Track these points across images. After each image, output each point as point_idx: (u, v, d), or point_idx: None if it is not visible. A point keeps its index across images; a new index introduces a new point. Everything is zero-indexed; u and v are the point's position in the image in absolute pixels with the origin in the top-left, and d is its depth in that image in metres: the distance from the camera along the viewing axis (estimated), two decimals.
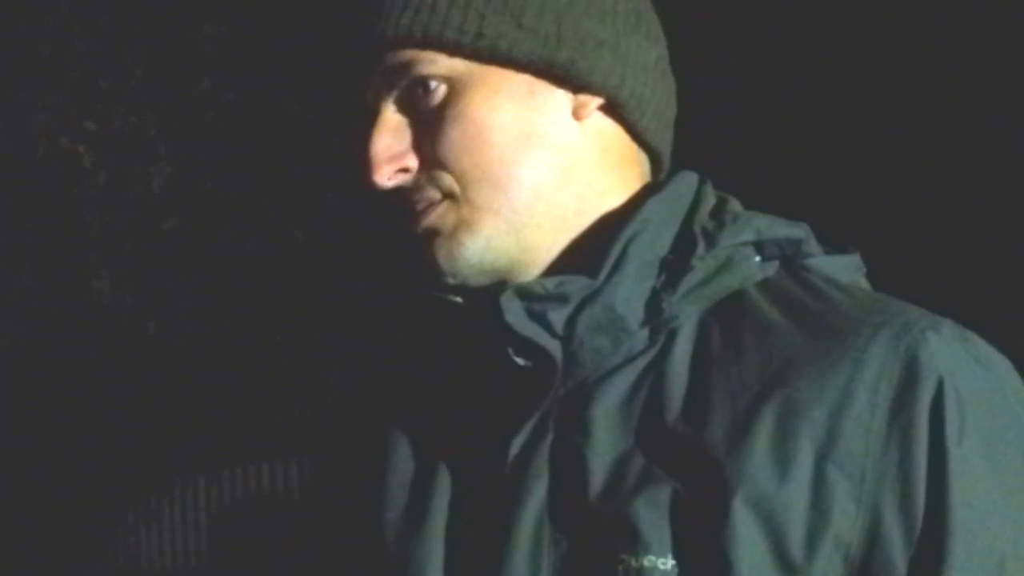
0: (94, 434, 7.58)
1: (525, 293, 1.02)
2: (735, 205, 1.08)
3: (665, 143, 1.14)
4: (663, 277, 1.04)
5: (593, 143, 1.07)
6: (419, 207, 1.06)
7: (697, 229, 1.05)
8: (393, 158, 1.06)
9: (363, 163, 1.06)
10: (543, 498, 1.00)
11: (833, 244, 1.10)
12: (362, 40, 1.07)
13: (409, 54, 1.05)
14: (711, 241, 1.05)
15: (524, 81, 1.06)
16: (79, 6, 6.80)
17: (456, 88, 1.05)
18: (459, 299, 1.06)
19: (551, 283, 1.02)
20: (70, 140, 6.84)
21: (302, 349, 7.17)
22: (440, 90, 1.05)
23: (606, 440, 1.00)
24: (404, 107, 1.07)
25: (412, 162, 1.06)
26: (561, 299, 1.02)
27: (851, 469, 0.95)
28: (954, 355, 0.98)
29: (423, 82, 1.05)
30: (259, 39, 6.85)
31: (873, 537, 0.95)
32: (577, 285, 1.02)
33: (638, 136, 1.10)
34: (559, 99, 1.06)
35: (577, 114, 1.07)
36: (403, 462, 1.09)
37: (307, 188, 6.97)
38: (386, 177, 1.06)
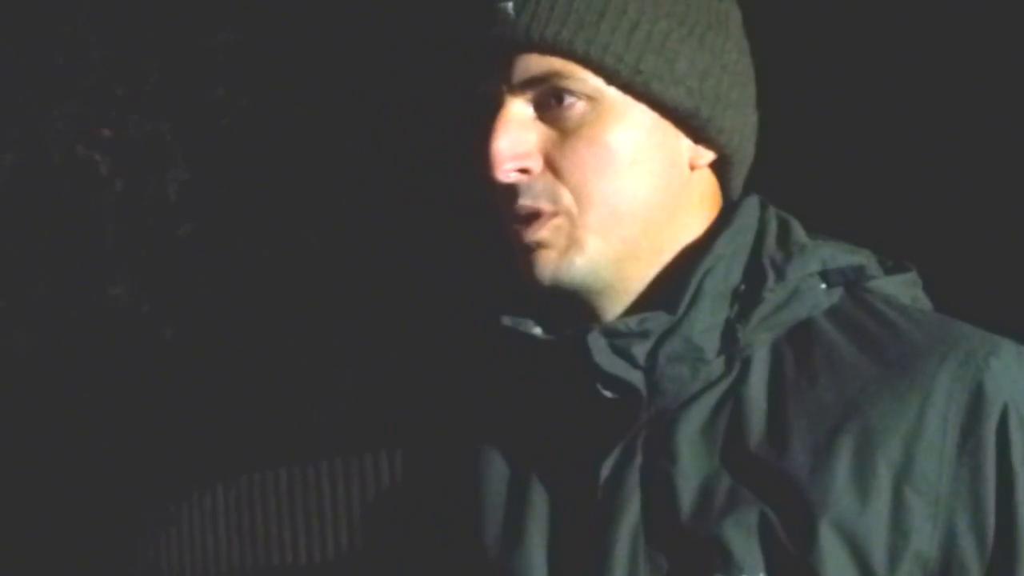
0: (112, 439, 7.61)
1: (610, 332, 1.07)
2: (797, 231, 1.14)
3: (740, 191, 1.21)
4: (736, 308, 1.09)
5: (696, 190, 1.12)
6: (525, 212, 1.08)
7: (766, 261, 1.10)
8: (517, 156, 1.07)
9: (484, 155, 1.07)
10: (637, 517, 1.06)
11: (892, 261, 1.16)
12: (503, 33, 1.07)
13: (559, 64, 1.06)
14: (780, 273, 1.09)
15: (659, 121, 1.09)
16: (94, 15, 6.83)
17: (596, 110, 1.07)
18: (543, 334, 1.10)
19: (633, 321, 1.07)
20: (86, 147, 6.87)
21: (317, 353, 7.20)
22: (578, 106, 1.07)
23: (692, 463, 1.06)
24: (535, 109, 1.08)
25: (535, 164, 1.08)
26: (643, 335, 1.07)
27: (927, 491, 1.03)
28: (1015, 380, 1.05)
29: (563, 94, 1.07)
30: (273, 46, 6.88)
31: (949, 552, 1.03)
32: (658, 321, 1.07)
33: (729, 191, 1.16)
34: (682, 145, 1.10)
35: (693, 164, 1.11)
36: (497, 480, 1.13)
37: (321, 194, 7.00)
38: (507, 173, 1.07)
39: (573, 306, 1.11)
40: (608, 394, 1.07)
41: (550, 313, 1.12)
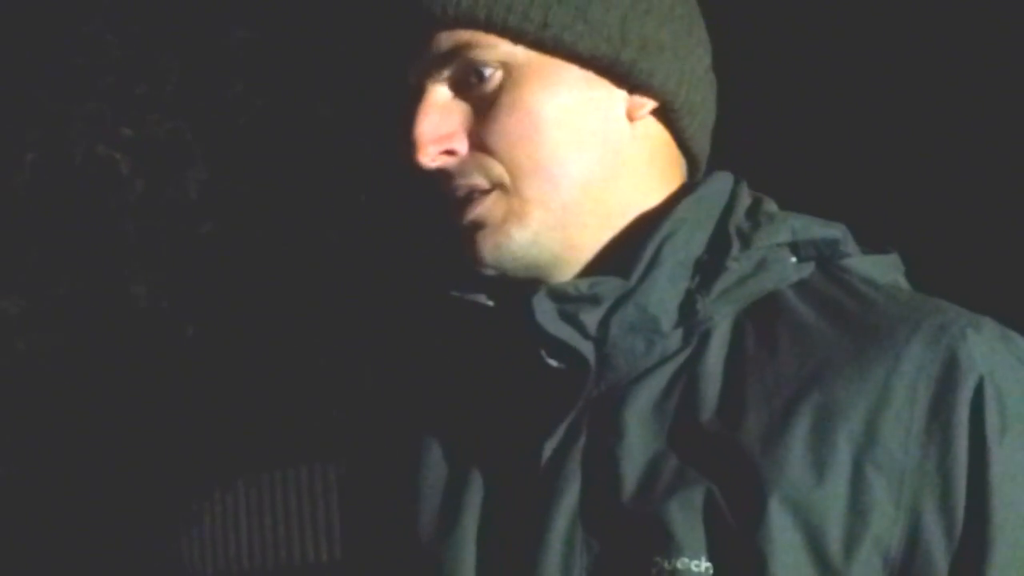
0: (134, 438, 7.64)
1: (558, 294, 1.00)
2: (770, 205, 1.07)
3: (705, 150, 1.12)
4: (697, 278, 1.02)
5: (642, 145, 1.05)
6: (461, 193, 1.03)
7: (732, 229, 1.03)
8: (440, 139, 1.02)
9: (407, 142, 1.02)
10: (576, 500, 0.99)
11: (871, 244, 1.08)
12: (412, 16, 1.03)
13: (467, 35, 1.01)
14: (746, 242, 1.03)
15: (582, 76, 1.03)
16: (113, 15, 6.85)
17: (513, 76, 1.02)
18: (490, 302, 1.05)
19: (584, 284, 1.00)
20: (107, 147, 6.89)
21: (338, 351, 7.20)
22: (495, 76, 1.02)
23: (639, 442, 0.99)
24: (454, 89, 1.04)
25: (460, 145, 1.03)
26: (594, 300, 1.00)
27: (890, 469, 0.94)
28: (995, 353, 0.96)
29: (478, 66, 1.02)
30: (290, 43, 6.88)
31: (913, 538, 0.94)
32: (610, 286, 1.00)
33: (684, 142, 1.09)
34: (615, 97, 1.04)
35: (631, 115, 1.05)
36: (436, 464, 1.08)
37: (341, 190, 6.99)
38: (431, 157, 1.02)
39: (525, 287, 1.04)
40: (554, 363, 1.00)
41: (502, 287, 1.06)
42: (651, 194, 1.06)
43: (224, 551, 8.19)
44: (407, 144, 1.03)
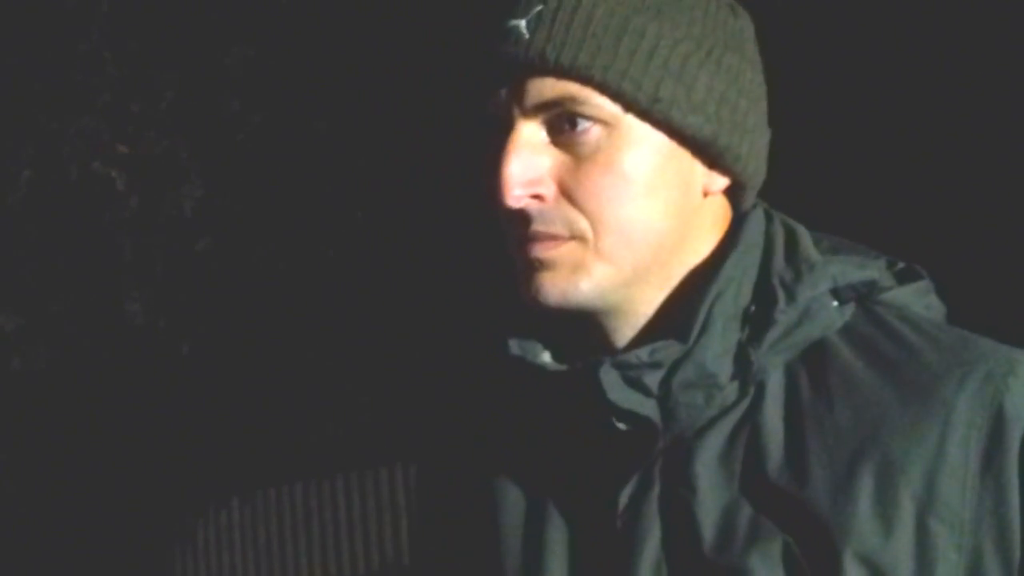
0: (129, 454, 7.63)
1: (622, 365, 1.05)
2: (805, 242, 1.11)
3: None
4: (747, 331, 1.07)
5: (707, 215, 1.10)
6: (539, 239, 1.05)
7: (776, 281, 1.08)
8: (530, 182, 1.04)
9: (496, 179, 1.04)
10: (657, 548, 1.04)
11: (902, 265, 1.14)
12: (519, 55, 1.04)
13: (575, 88, 1.03)
14: (791, 295, 1.07)
15: (673, 149, 1.06)
16: (110, 32, 6.86)
17: (612, 136, 1.04)
18: (555, 367, 1.08)
19: (644, 352, 1.05)
20: (102, 164, 6.90)
21: (334, 368, 7.20)
22: (593, 132, 1.04)
23: (711, 492, 1.04)
24: (548, 134, 1.05)
25: (547, 191, 1.05)
26: (655, 366, 1.05)
27: (951, 520, 1.01)
28: None
29: (577, 119, 1.04)
30: (288, 61, 6.89)
31: (975, 574, 1.02)
32: (670, 352, 1.05)
33: (741, 212, 1.13)
34: (696, 172, 1.08)
35: (707, 190, 1.09)
36: (513, 514, 1.12)
37: (337, 207, 7.00)
38: (518, 199, 1.04)
39: (580, 326, 1.09)
40: (622, 427, 1.05)
41: (557, 334, 1.10)
42: (704, 254, 1.10)
43: (218, 567, 8.18)
44: (495, 181, 1.04)
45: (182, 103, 6.98)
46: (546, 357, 1.09)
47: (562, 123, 1.04)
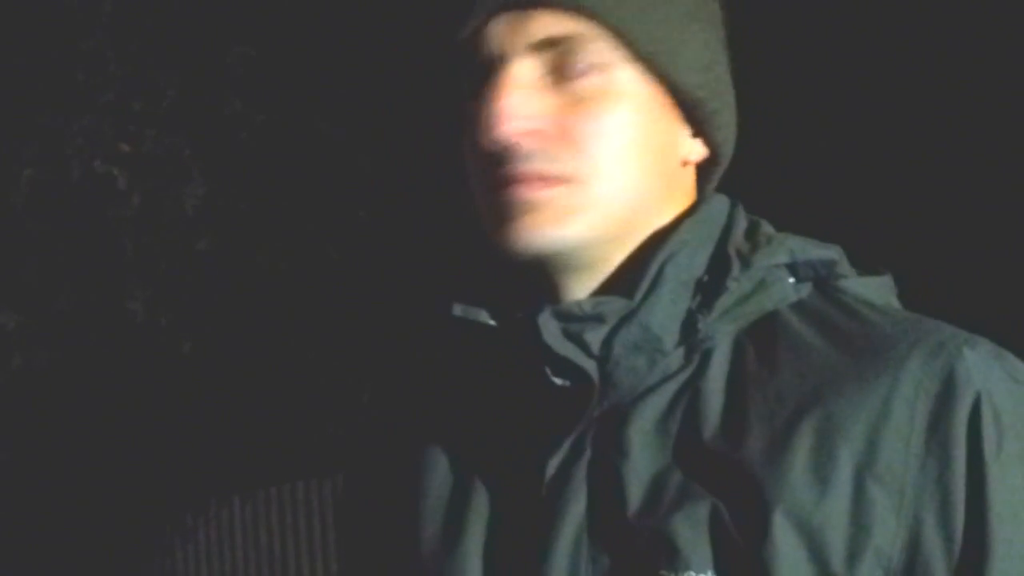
0: (130, 453, 7.63)
1: (562, 314, 1.01)
2: (767, 228, 1.09)
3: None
4: (698, 298, 1.03)
5: (681, 185, 1.08)
6: (524, 176, 1.00)
7: (731, 250, 1.04)
8: (529, 117, 1.00)
9: (488, 113, 0.99)
10: (582, 516, 1.00)
11: (865, 266, 1.10)
12: None
13: (583, 26, 1.00)
14: (745, 263, 1.04)
15: (664, 108, 1.05)
16: (112, 31, 6.87)
17: (611, 84, 1.01)
18: (492, 321, 1.05)
19: (588, 304, 1.01)
20: (104, 162, 6.90)
21: (336, 367, 7.20)
22: (593, 76, 1.01)
23: (643, 458, 1.00)
24: (547, 73, 1.02)
25: (547, 127, 1.00)
26: (598, 319, 1.01)
27: (891, 483, 0.96)
28: (990, 371, 0.98)
29: (577, 62, 1.01)
30: (290, 60, 6.90)
31: (914, 550, 0.96)
32: (614, 306, 1.01)
33: (707, 187, 1.11)
34: (680, 137, 1.07)
35: (685, 159, 1.08)
36: (439, 480, 1.08)
37: (340, 206, 7.00)
38: (514, 133, 0.99)
39: (534, 285, 1.06)
40: (558, 381, 1.01)
41: (505, 302, 1.06)
42: (668, 222, 1.07)
43: (219, 567, 8.18)
44: (486, 116, 1.00)
45: (184, 102, 6.99)
46: (486, 317, 1.05)
47: (562, 64, 1.01)
